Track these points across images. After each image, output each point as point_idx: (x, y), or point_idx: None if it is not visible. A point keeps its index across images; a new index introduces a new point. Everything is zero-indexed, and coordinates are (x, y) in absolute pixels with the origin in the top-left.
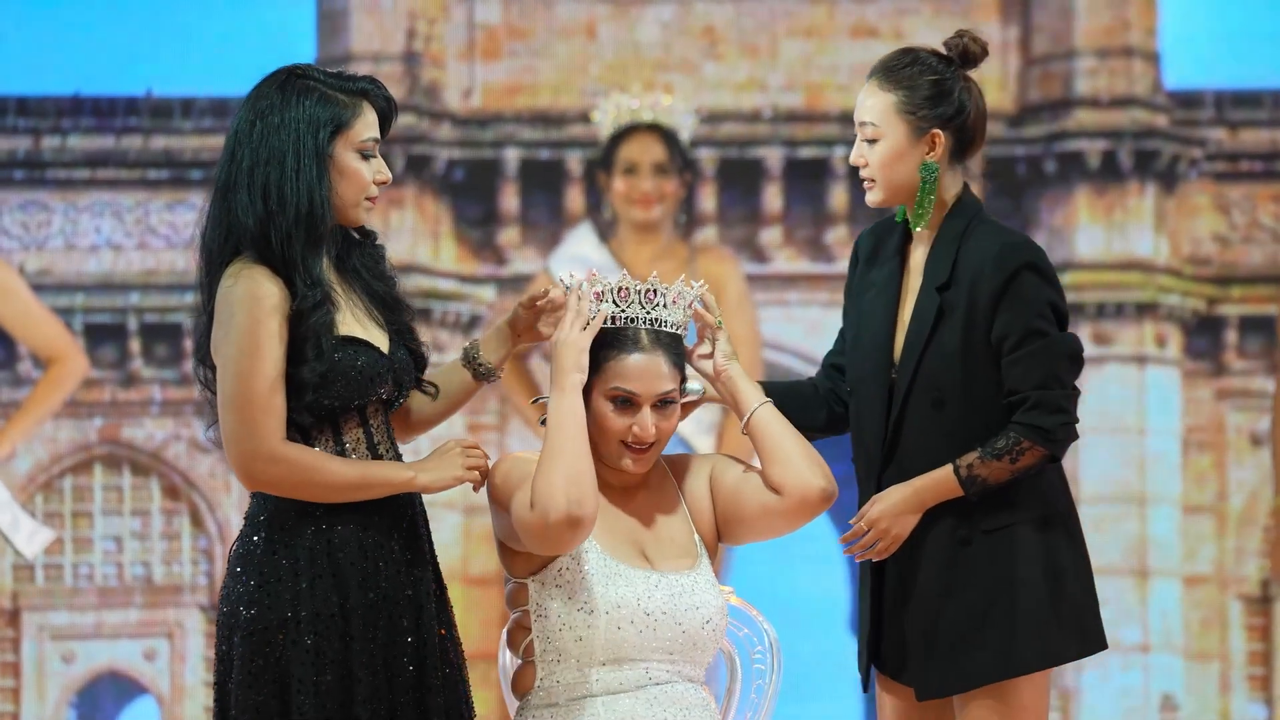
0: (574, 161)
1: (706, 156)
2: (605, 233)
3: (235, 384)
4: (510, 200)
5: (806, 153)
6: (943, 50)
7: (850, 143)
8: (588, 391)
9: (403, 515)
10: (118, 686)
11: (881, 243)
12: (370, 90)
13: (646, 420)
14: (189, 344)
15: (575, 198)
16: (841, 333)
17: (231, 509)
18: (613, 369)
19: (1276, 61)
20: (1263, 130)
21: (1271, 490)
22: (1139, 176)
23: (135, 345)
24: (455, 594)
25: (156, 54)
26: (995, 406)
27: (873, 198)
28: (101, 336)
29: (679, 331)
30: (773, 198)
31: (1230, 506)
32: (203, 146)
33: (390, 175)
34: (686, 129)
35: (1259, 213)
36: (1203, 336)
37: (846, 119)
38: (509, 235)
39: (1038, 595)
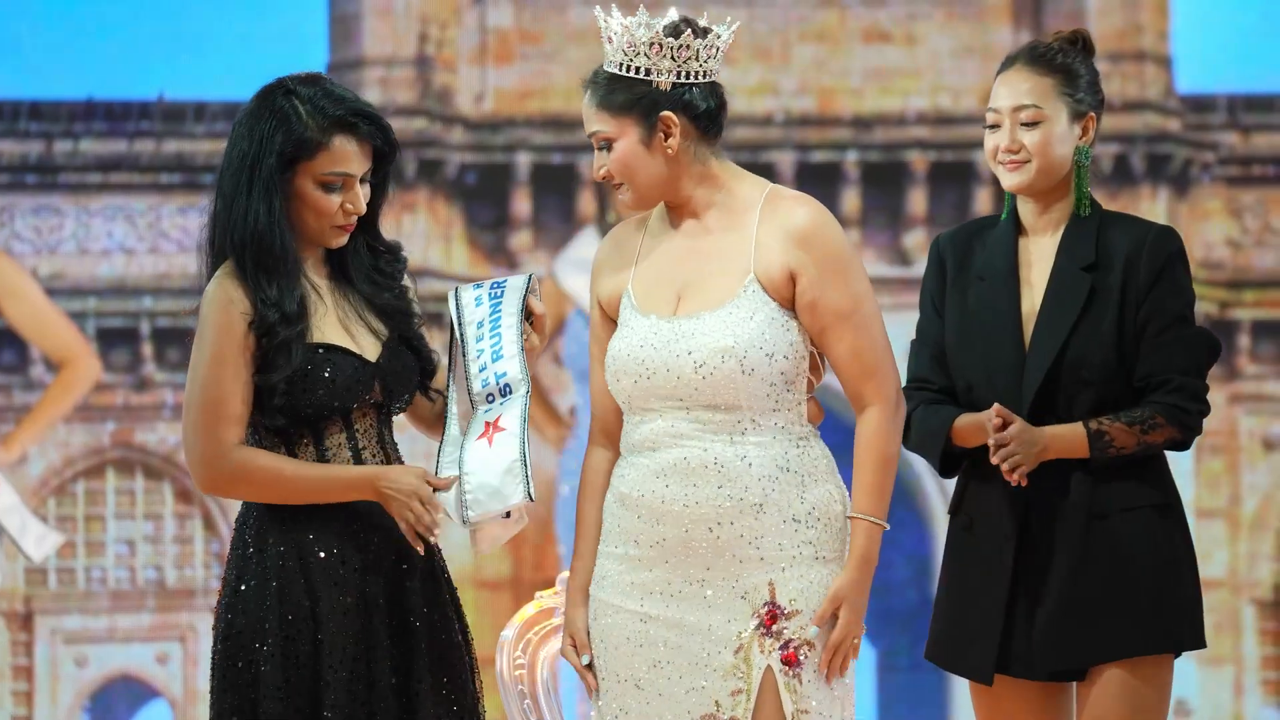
0: (585, 165)
1: None
2: None
3: (197, 390)
4: (522, 204)
5: (818, 157)
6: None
7: (863, 147)
8: None
9: (384, 519)
10: (130, 690)
11: (972, 243)
12: (353, 123)
13: (594, 161)
14: None
15: (587, 201)
16: (923, 342)
17: None
18: None
19: None
20: (1275, 134)
21: None
22: (1151, 180)
23: (147, 349)
24: (466, 598)
25: (169, 59)
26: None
27: (1020, 179)
28: (114, 340)
29: (616, 71)
30: None
31: (1243, 511)
32: (215, 151)
33: (363, 208)
34: None
35: (1271, 217)
36: None
37: (859, 123)
38: (521, 239)
39: (1168, 578)
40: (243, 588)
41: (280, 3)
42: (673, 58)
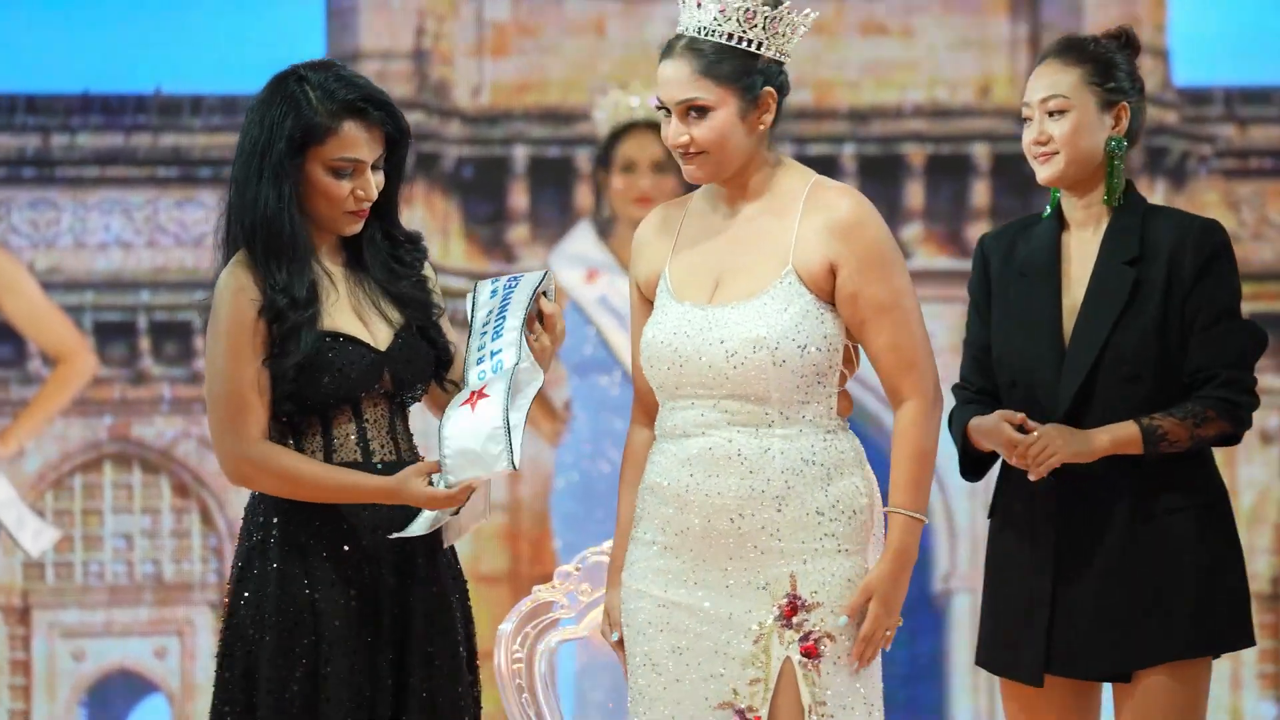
0: (583, 159)
1: None
2: (604, 231)
3: (218, 384)
4: (519, 198)
5: (815, 150)
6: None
7: (860, 140)
8: None
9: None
10: (128, 684)
11: (1016, 241)
12: (363, 108)
13: (671, 128)
14: (199, 342)
15: (584, 195)
16: (967, 343)
17: (241, 506)
18: None
19: None
20: (1272, 127)
21: None
22: (1148, 173)
23: (145, 343)
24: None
25: (165, 52)
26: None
27: (1050, 171)
28: (111, 334)
29: (718, 40)
30: None
31: (1240, 504)
32: (212, 144)
33: (374, 194)
34: None
35: (1269, 210)
36: None
37: (855, 116)
38: (518, 233)
39: (1213, 580)
40: (246, 577)
41: None
42: (784, 35)
